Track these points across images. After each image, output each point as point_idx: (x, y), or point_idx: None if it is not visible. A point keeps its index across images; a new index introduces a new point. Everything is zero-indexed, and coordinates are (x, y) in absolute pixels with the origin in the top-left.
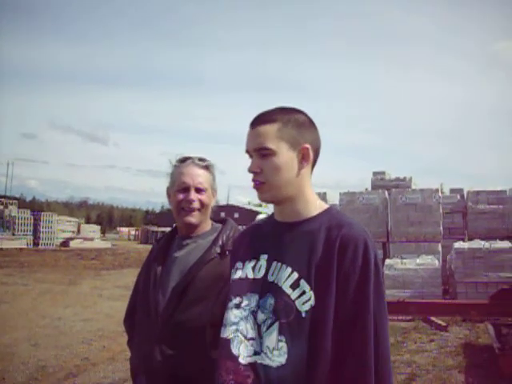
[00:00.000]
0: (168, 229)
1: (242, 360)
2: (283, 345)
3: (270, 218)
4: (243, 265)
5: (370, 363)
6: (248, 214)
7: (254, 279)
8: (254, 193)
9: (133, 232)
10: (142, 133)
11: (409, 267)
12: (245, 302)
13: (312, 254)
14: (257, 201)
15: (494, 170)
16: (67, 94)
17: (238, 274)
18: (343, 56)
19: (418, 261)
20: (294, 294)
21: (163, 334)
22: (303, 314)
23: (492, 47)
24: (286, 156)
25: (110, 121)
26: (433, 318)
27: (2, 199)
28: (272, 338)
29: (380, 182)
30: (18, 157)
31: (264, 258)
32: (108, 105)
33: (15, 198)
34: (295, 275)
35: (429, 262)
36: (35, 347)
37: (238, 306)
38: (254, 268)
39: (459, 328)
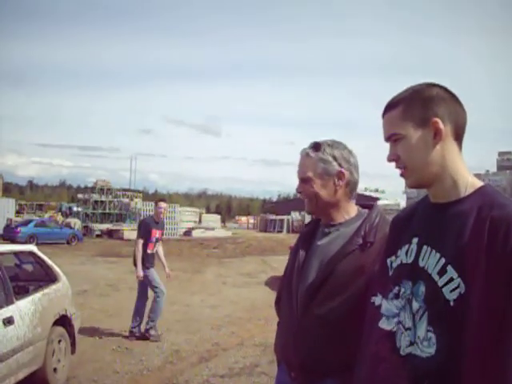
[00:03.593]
0: (286, 217)
1: (402, 352)
2: (432, 335)
3: (425, 198)
4: (401, 251)
5: None
6: (365, 201)
7: (406, 264)
8: (370, 179)
9: (251, 221)
10: (251, 123)
11: None
12: (402, 290)
13: (460, 237)
14: (373, 187)
15: None
16: (177, 89)
17: (397, 262)
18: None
19: None
20: (441, 281)
21: (300, 326)
22: (451, 303)
23: None
24: (415, 136)
25: (220, 113)
26: None
27: (128, 192)
28: (423, 328)
29: (506, 163)
30: (138, 152)
31: (415, 241)
32: (216, 97)
33: (139, 191)
34: (442, 261)
35: None
36: (168, 332)
37: (397, 296)
38: (406, 252)
39: None
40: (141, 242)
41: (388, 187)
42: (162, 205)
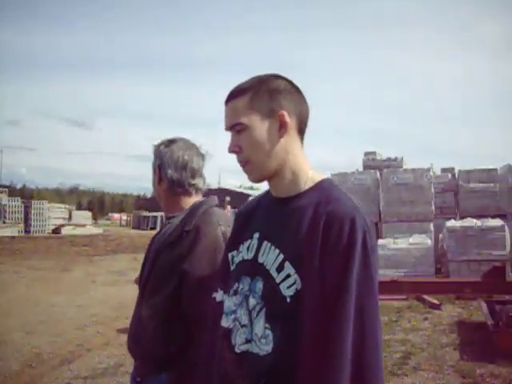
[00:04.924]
0: (159, 213)
1: (237, 349)
2: (269, 332)
3: (268, 192)
4: (243, 246)
5: (343, 354)
6: (239, 197)
7: (247, 260)
8: (245, 176)
9: (124, 217)
10: (125, 118)
11: (401, 247)
12: (240, 287)
13: (297, 233)
14: (248, 184)
15: (485, 149)
16: (48, 81)
17: (239, 258)
18: (334, 38)
19: (410, 240)
20: (278, 278)
21: (138, 318)
22: (288, 300)
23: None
24: (260, 127)
25: (93, 107)
26: (426, 297)
27: None
28: (260, 325)
29: (371, 163)
30: (5, 144)
31: (256, 236)
32: (90, 90)
33: (5, 186)
34: (281, 257)
35: (421, 241)
36: (29, 334)
37: (236, 292)
38: (248, 248)
39: (452, 306)
40: None
41: (262, 184)
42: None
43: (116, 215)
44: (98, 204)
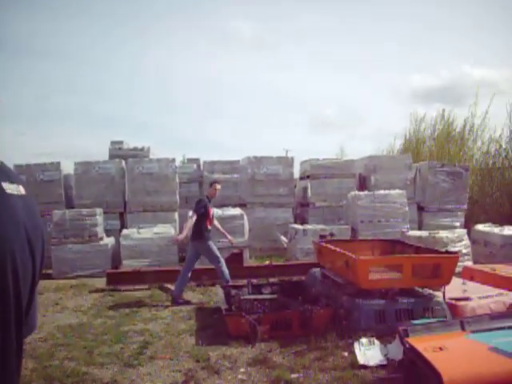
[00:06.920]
0: None
1: None
2: None
3: None
4: None
5: None
6: None
7: None
8: None
9: None
10: None
11: (145, 237)
12: None
13: None
14: None
15: (230, 140)
16: None
17: None
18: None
19: (154, 230)
20: None
21: None
22: None
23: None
24: None
25: None
26: (168, 286)
27: None
28: None
29: (118, 152)
30: None
31: None
32: None
33: None
34: None
35: (165, 230)
36: None
37: None
38: None
39: (193, 293)
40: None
41: None
42: (218, 186)
43: None
44: None
